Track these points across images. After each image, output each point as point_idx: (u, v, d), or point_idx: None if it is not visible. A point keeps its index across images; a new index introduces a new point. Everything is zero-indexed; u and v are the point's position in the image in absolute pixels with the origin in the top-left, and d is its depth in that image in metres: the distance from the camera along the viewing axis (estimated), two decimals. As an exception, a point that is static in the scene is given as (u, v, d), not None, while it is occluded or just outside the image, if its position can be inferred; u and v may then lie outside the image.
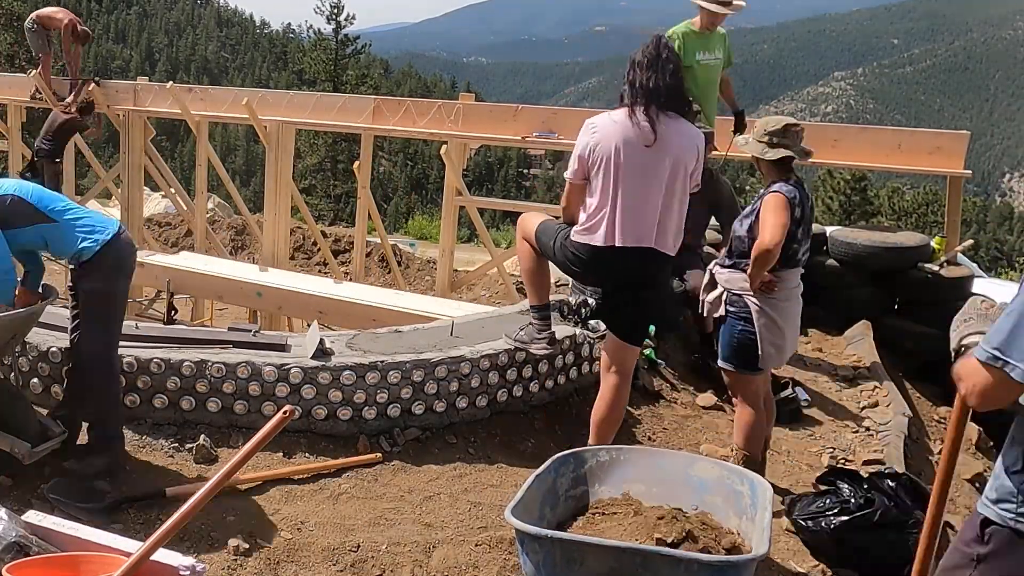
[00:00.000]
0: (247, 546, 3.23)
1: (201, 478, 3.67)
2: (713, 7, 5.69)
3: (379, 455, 3.93)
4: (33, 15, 10.87)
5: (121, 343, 4.09)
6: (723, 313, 3.89)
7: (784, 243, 3.64)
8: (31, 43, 10.93)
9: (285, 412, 2.48)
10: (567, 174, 3.72)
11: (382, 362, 4.04)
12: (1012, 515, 1.80)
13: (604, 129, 3.61)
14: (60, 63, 10.90)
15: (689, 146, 3.66)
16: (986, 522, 1.84)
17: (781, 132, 3.84)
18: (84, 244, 3.43)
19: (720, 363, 3.98)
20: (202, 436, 3.84)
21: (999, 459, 1.90)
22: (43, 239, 3.47)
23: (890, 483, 3.76)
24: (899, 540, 3.53)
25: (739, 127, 6.14)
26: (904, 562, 3.53)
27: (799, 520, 3.76)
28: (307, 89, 33.14)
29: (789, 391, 5.13)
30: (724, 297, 3.89)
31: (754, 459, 3.81)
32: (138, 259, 7.52)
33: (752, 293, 3.78)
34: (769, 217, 3.68)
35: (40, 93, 10.69)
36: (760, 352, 3.78)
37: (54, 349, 3.97)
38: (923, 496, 3.77)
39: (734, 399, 4.03)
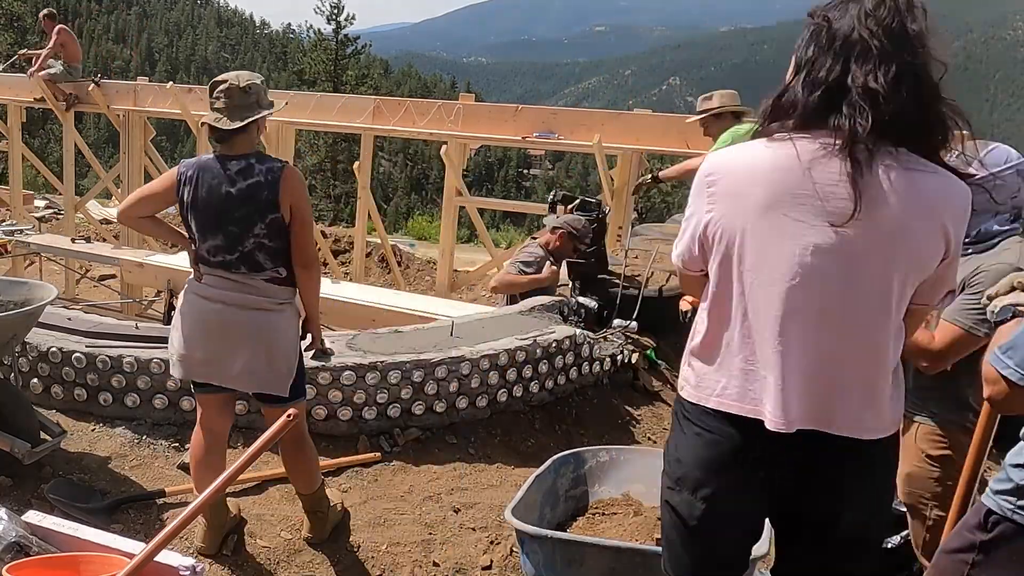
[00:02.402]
0: (247, 546, 3.23)
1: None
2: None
3: (379, 454, 3.93)
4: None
5: (121, 343, 4.11)
6: None
7: None
8: None
9: (289, 416, 2.48)
10: None
11: (382, 362, 4.04)
12: (1011, 507, 1.82)
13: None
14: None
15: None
16: (989, 512, 1.86)
17: None
18: None
19: None
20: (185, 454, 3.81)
21: (1009, 454, 1.94)
22: None
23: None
24: (901, 540, 3.52)
25: None
26: (906, 561, 3.54)
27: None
28: (307, 89, 33.13)
29: None
30: None
31: None
32: (138, 259, 7.50)
33: None
34: None
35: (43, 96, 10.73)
36: None
37: (54, 349, 3.97)
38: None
39: None
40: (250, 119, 2.97)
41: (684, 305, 4.36)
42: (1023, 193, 2.58)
